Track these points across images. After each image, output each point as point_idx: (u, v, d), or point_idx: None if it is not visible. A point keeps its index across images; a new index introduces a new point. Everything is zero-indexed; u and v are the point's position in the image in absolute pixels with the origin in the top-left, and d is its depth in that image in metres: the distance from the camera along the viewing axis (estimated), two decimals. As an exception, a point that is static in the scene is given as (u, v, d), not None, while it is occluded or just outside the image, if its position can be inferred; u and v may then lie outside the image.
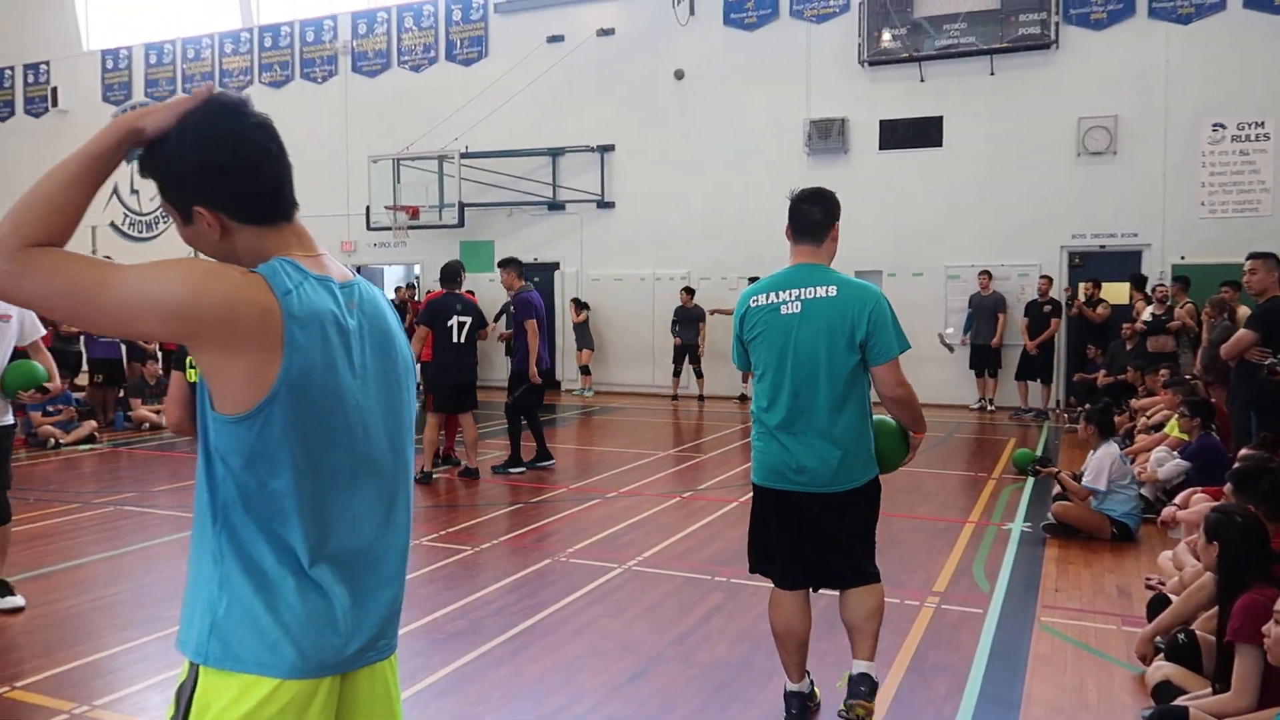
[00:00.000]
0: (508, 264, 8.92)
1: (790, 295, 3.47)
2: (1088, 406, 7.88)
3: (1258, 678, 3.28)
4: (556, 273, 16.42)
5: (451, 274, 8.51)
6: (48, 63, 20.97)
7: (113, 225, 20.43)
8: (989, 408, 13.55)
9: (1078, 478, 6.80)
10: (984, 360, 13.48)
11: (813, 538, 3.57)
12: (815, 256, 3.54)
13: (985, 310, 13.33)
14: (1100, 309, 12.83)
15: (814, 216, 3.52)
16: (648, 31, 15.77)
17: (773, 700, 3.91)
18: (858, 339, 3.42)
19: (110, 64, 20.40)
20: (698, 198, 15.34)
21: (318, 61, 18.36)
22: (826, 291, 3.44)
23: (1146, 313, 11.37)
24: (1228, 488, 4.34)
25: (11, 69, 21.41)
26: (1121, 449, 8.37)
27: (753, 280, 14.49)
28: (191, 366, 3.21)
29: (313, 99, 18.37)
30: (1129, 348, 11.52)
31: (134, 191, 20.33)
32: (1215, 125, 12.84)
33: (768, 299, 3.52)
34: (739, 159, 15.10)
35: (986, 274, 13.43)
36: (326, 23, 18.29)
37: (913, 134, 14.31)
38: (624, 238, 15.98)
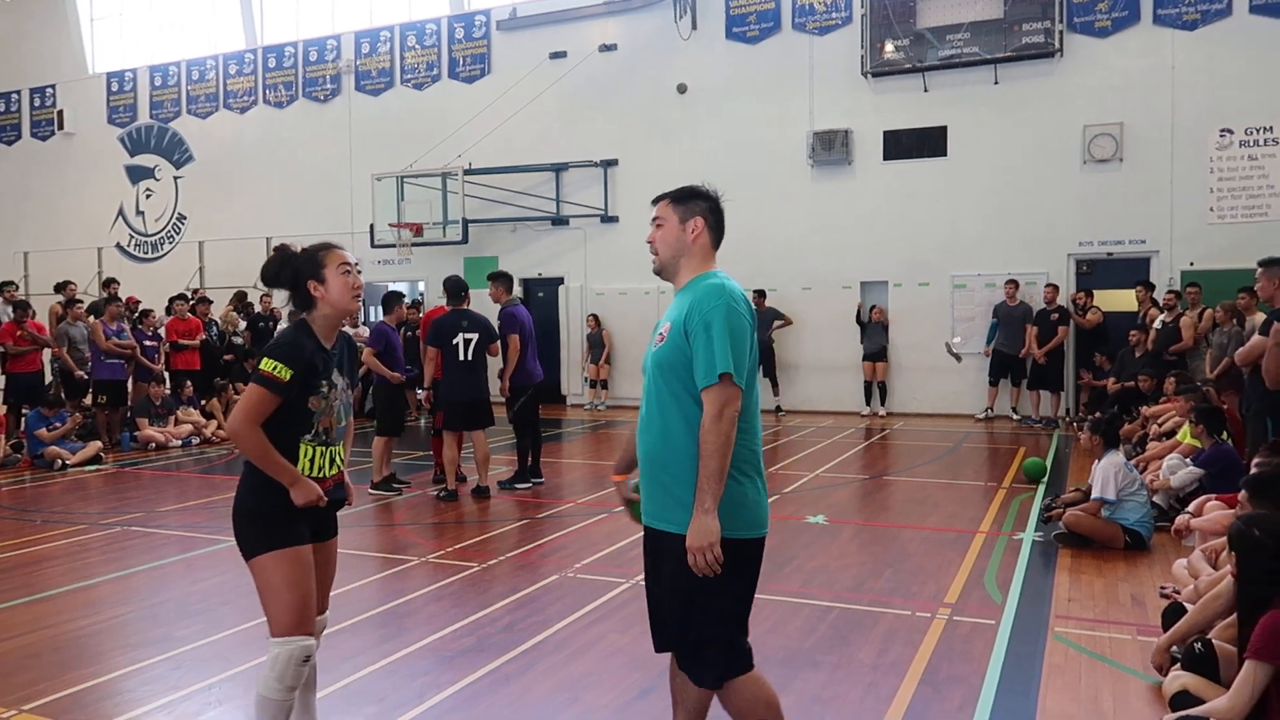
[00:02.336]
0: (497, 278, 8.97)
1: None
2: (1095, 416, 7.83)
3: (1256, 693, 3.24)
4: (561, 287, 16.43)
5: (455, 290, 8.53)
6: (54, 86, 21.13)
7: (119, 247, 20.54)
8: (993, 415, 13.51)
9: (1085, 492, 6.75)
10: (1008, 369, 13.39)
11: None
12: None
13: (1013, 320, 13.24)
14: (1090, 315, 12.81)
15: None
16: (650, 46, 15.81)
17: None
18: None
19: (115, 86, 20.54)
20: (702, 211, 15.32)
21: (321, 81, 18.46)
22: None
23: (1158, 320, 11.31)
24: (1243, 495, 4.28)
25: (18, 93, 21.58)
26: (1133, 456, 8.33)
27: (759, 293, 14.63)
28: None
29: (316, 118, 18.47)
30: (1138, 355, 11.46)
31: (139, 213, 20.43)
32: (1223, 131, 12.81)
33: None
34: (743, 172, 15.09)
35: (1013, 283, 13.34)
36: (330, 42, 18.40)
37: (917, 144, 14.31)
38: (628, 252, 15.97)
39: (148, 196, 20.36)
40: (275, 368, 3.15)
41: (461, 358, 8.26)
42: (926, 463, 10.17)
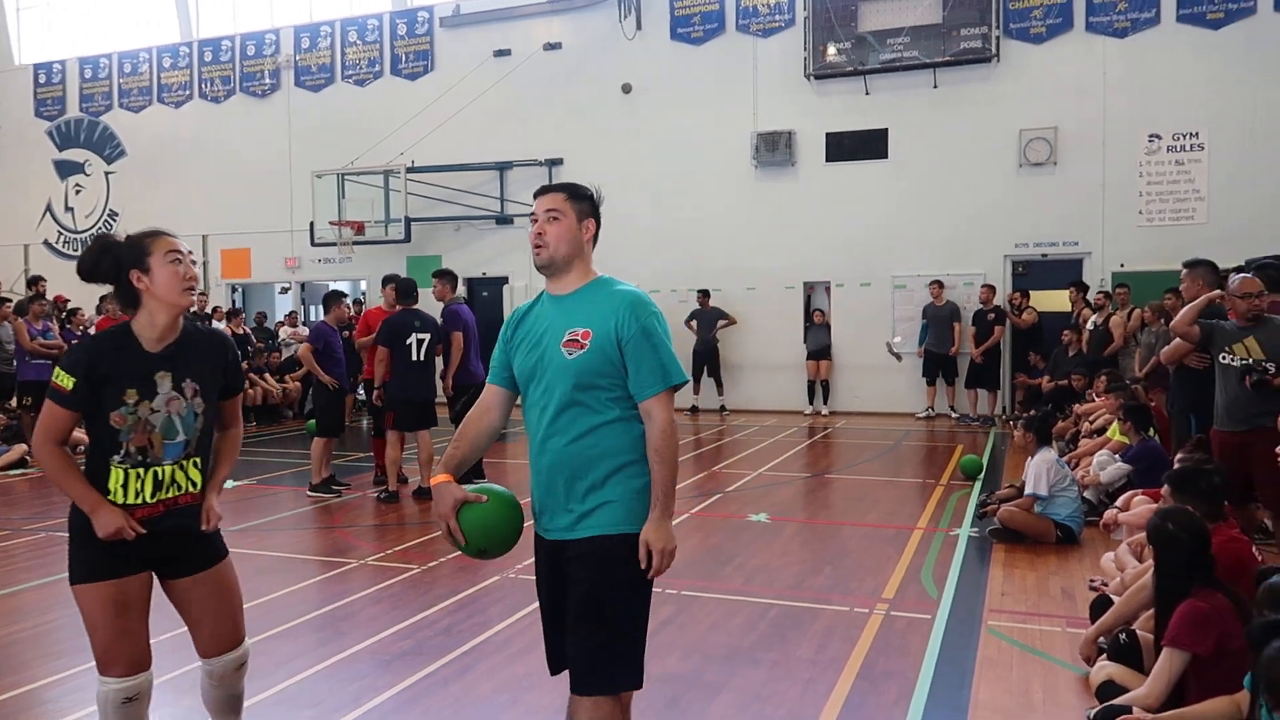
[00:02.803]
0: (442, 275, 8.91)
1: None
2: (1029, 414, 8.01)
3: (1173, 680, 3.36)
4: (505, 287, 16.33)
5: (407, 290, 8.47)
6: (-22, 77, 20.43)
7: (46, 244, 19.92)
8: (933, 414, 13.73)
9: (1018, 488, 6.90)
10: (940, 368, 13.63)
11: None
12: None
13: (941, 319, 13.49)
14: (1025, 315, 13.11)
15: None
16: (595, 46, 15.79)
17: (722, 714, 3.88)
18: None
19: (43, 78, 19.92)
20: (646, 210, 15.36)
21: (259, 75, 18.11)
22: None
23: (1091, 321, 11.60)
24: (1165, 490, 4.41)
25: (-59, 84, 20.81)
26: (1066, 453, 8.53)
27: (703, 293, 14.71)
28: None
29: (255, 114, 18.11)
30: (1071, 354, 11.74)
31: (69, 209, 19.85)
32: (1151, 136, 13.18)
33: None
34: (687, 172, 15.17)
35: (938, 284, 13.61)
36: (268, 36, 18.05)
37: (858, 146, 14.49)
38: (574, 251, 15.93)
39: (77, 192, 19.77)
40: (58, 375, 2.79)
41: (414, 358, 8.19)
42: (867, 460, 10.31)
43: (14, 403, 11.79)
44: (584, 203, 2.86)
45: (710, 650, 4.57)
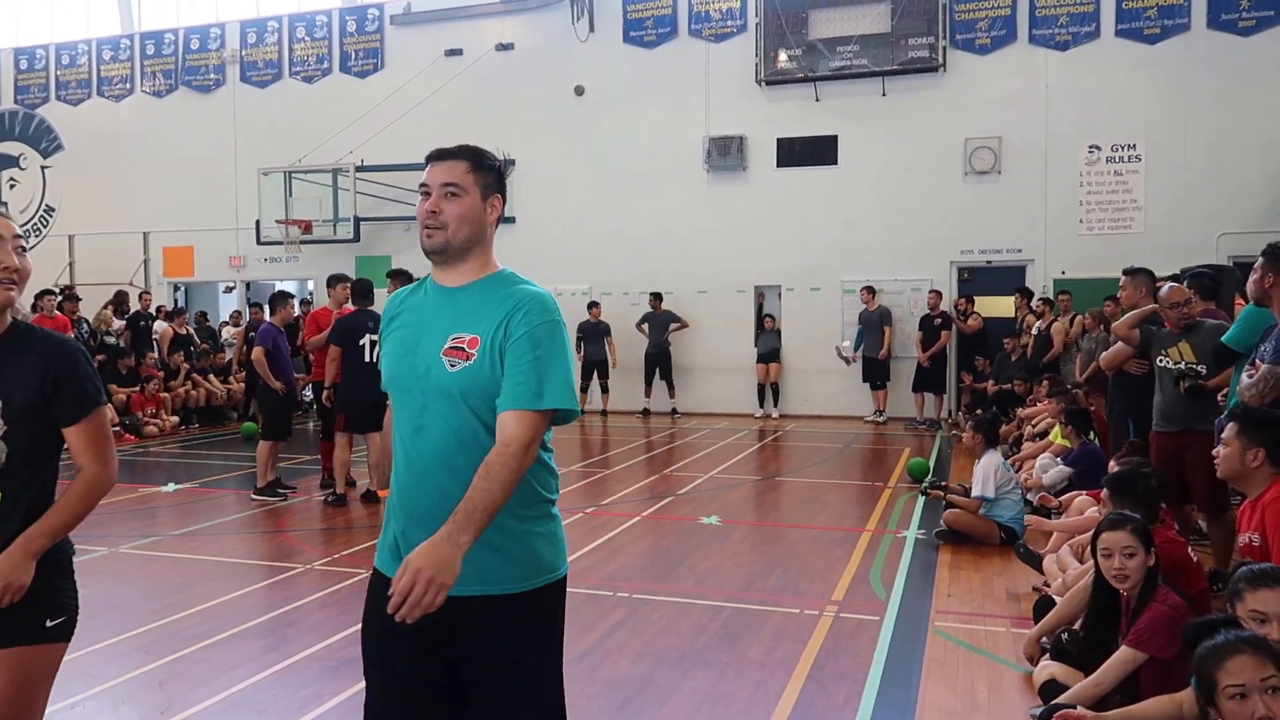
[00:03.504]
0: (397, 275, 8.82)
1: None
2: (977, 414, 8.16)
3: (1121, 676, 3.44)
4: (457, 288, 16.20)
5: (363, 291, 8.40)
6: (-93, 66, 19.76)
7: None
8: (880, 419, 13.89)
9: (965, 489, 7.02)
10: (873, 373, 13.83)
11: None
12: None
13: (872, 324, 13.71)
14: (971, 320, 13.37)
15: None
16: (547, 47, 15.75)
17: (673, 716, 3.90)
18: None
19: (-24, 69, 19.34)
20: (599, 213, 15.37)
21: (203, 70, 17.77)
22: None
23: (1035, 327, 11.85)
24: (1104, 493, 4.51)
25: None
26: (1010, 456, 8.70)
27: (656, 296, 14.73)
28: None
29: (198, 109, 17.77)
30: (1014, 359, 11.98)
31: (2, 204, 19.26)
32: (1091, 147, 13.51)
33: None
34: (639, 175, 15.20)
35: (868, 290, 13.81)
36: (213, 30, 17.72)
37: (809, 152, 14.64)
38: (525, 253, 15.77)
39: (11, 187, 19.21)
40: None
41: (367, 359, 8.09)
42: (817, 463, 10.42)
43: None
44: (489, 175, 2.31)
45: (661, 653, 4.58)
